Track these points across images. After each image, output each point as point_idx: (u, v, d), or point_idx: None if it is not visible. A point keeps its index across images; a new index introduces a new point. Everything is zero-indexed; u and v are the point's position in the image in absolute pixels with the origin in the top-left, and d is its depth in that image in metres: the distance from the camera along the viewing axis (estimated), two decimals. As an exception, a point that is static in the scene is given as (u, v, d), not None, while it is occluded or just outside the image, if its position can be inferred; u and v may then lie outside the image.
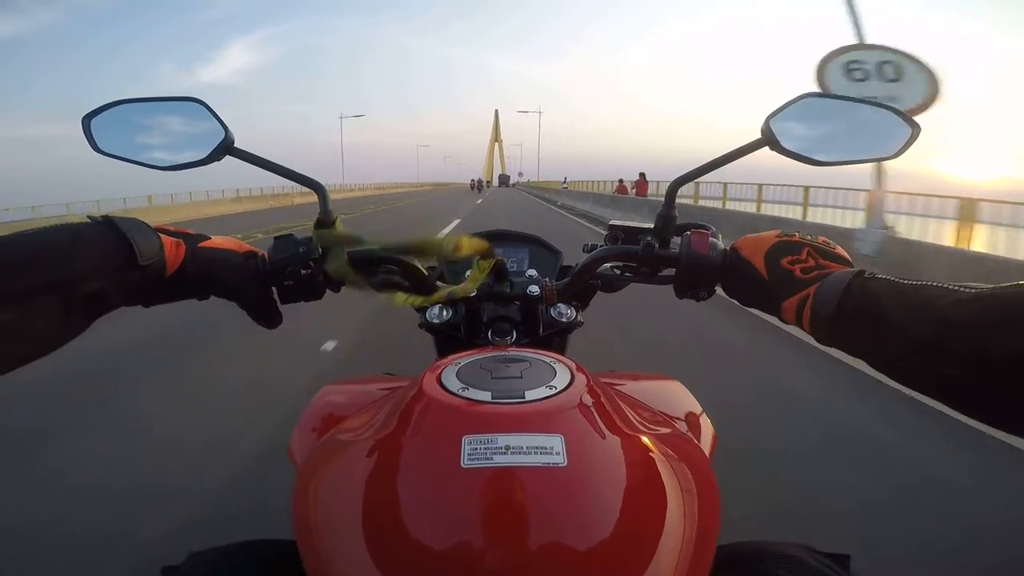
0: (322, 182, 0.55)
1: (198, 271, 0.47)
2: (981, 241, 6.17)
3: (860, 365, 0.43)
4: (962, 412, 0.33)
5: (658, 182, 15.99)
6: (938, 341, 0.33)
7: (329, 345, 2.99)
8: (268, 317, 0.53)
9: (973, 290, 0.33)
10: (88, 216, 0.42)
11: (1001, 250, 5.45)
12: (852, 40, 5.11)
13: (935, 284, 0.35)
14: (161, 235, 0.45)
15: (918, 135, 0.49)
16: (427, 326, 0.66)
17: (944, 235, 6.54)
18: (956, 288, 0.34)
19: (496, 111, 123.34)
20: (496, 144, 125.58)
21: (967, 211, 6.43)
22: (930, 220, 7.24)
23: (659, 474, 0.35)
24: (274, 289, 0.53)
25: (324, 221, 0.52)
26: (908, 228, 6.36)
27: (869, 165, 5.27)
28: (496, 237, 0.79)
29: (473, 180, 62.69)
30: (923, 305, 0.35)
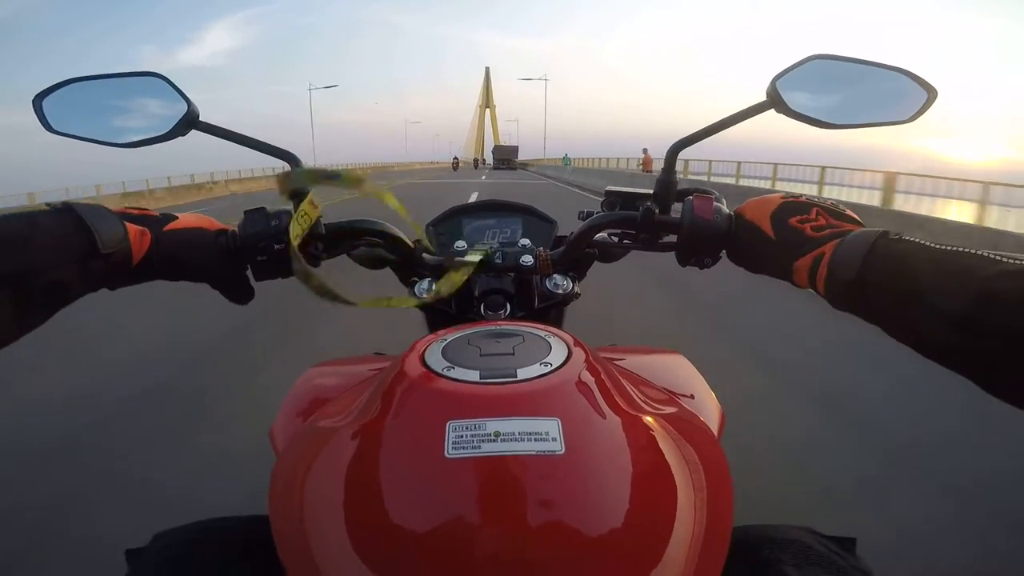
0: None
1: (165, 256, 0.46)
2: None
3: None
4: (992, 392, 0.31)
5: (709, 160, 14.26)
6: (977, 314, 0.30)
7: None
8: (239, 294, 0.52)
9: (1021, 262, 0.30)
10: (46, 204, 0.40)
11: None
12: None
13: (973, 252, 0.32)
14: (125, 222, 0.43)
15: (935, 99, 0.47)
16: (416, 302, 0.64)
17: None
18: (999, 258, 0.31)
19: (487, 69, 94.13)
20: (487, 111, 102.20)
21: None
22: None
23: (667, 457, 0.33)
24: (249, 266, 0.51)
25: (298, 194, 0.50)
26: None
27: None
28: (487, 208, 0.76)
29: (456, 159, 52.59)
30: (961, 274, 0.31)
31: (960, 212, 6.88)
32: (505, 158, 51.34)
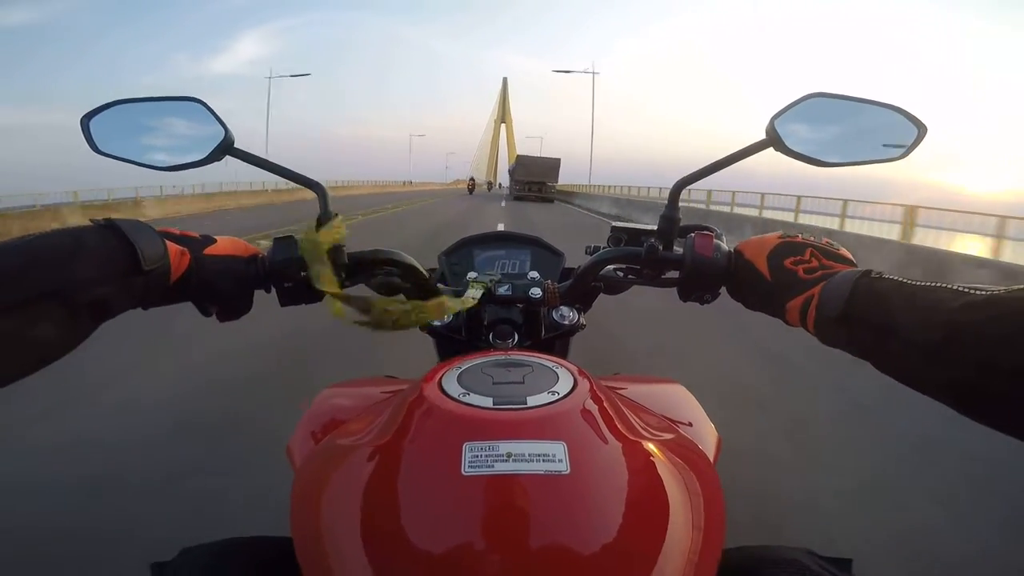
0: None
1: (201, 281, 0.47)
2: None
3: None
4: (969, 417, 0.32)
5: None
6: (946, 345, 0.32)
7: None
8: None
9: (986, 293, 0.32)
10: (90, 219, 0.41)
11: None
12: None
13: (945, 286, 0.34)
14: (166, 240, 0.44)
15: (924, 136, 0.49)
16: (427, 328, 0.66)
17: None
18: (967, 290, 0.33)
19: (504, 79, 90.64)
20: (502, 126, 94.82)
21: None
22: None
23: (663, 481, 0.35)
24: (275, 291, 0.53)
25: (324, 221, 0.52)
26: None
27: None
28: (497, 239, 0.78)
29: (472, 180, 50.09)
30: (932, 307, 0.33)
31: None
32: (534, 180, 28.59)
